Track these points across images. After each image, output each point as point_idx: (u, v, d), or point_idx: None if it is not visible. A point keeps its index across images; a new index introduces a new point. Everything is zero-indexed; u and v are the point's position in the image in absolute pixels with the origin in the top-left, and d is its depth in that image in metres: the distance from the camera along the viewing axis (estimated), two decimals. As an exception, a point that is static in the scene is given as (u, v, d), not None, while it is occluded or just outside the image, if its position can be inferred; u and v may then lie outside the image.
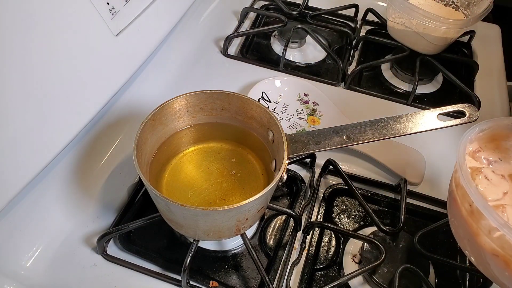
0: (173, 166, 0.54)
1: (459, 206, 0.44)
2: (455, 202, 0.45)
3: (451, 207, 0.48)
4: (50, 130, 0.47)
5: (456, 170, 0.45)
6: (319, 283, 0.51)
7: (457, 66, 0.80)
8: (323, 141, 0.49)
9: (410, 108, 0.71)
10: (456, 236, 0.48)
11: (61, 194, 0.54)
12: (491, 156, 0.48)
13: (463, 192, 0.43)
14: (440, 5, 0.81)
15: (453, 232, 0.48)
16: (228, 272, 0.51)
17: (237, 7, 0.85)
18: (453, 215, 0.47)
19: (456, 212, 0.45)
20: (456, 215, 0.46)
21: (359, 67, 0.74)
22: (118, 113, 0.62)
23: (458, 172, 0.44)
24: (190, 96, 0.51)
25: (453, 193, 0.46)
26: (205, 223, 0.45)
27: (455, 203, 0.45)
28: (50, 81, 0.46)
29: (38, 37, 0.44)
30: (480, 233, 0.42)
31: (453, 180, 0.46)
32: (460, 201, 0.44)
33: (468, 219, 0.43)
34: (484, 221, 0.40)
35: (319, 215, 0.57)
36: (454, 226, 0.48)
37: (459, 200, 0.44)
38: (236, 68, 0.75)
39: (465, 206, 0.43)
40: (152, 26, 0.62)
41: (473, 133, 0.46)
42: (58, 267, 0.50)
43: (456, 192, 0.45)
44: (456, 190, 0.45)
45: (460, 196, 0.44)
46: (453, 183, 0.46)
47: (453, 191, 0.46)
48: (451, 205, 0.47)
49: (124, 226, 0.50)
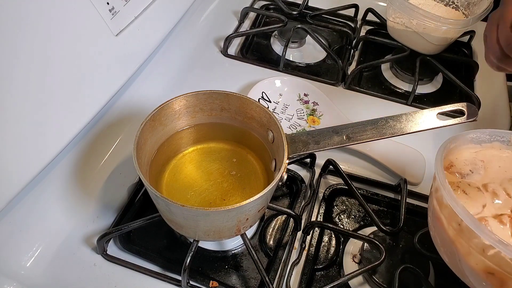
0: (173, 166, 0.54)
1: (445, 227, 0.43)
2: (439, 222, 0.45)
3: (435, 228, 0.47)
4: (50, 130, 0.47)
5: (437, 188, 0.44)
6: (319, 283, 0.51)
7: (457, 66, 0.80)
8: (323, 140, 0.49)
9: (410, 108, 0.71)
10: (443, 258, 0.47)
11: (61, 194, 0.54)
12: (463, 169, 0.49)
13: (449, 212, 0.42)
14: (440, 5, 0.81)
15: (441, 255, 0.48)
16: (228, 272, 0.51)
17: (237, 7, 0.85)
18: (439, 236, 0.46)
19: (441, 233, 0.45)
20: (442, 236, 0.45)
21: (359, 67, 0.74)
22: (118, 113, 0.62)
23: (440, 191, 0.43)
24: (190, 97, 0.51)
25: (436, 212, 0.45)
26: (205, 223, 0.45)
27: (440, 224, 0.44)
28: (50, 81, 0.46)
29: (38, 37, 0.44)
30: (471, 252, 0.41)
31: (434, 199, 0.46)
32: (446, 221, 0.43)
33: (457, 238, 0.42)
34: (477, 239, 0.39)
35: (319, 215, 0.57)
36: (438, 245, 0.48)
37: (444, 220, 0.44)
38: (236, 68, 0.75)
39: (453, 225, 0.42)
40: (152, 26, 0.62)
41: (444, 151, 0.46)
42: (58, 267, 0.50)
43: (441, 212, 0.44)
44: (440, 210, 0.44)
45: (446, 215, 0.43)
46: (434, 202, 0.46)
47: (436, 211, 0.45)
48: (435, 226, 0.47)
49: (124, 226, 0.50)
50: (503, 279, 0.39)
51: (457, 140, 0.49)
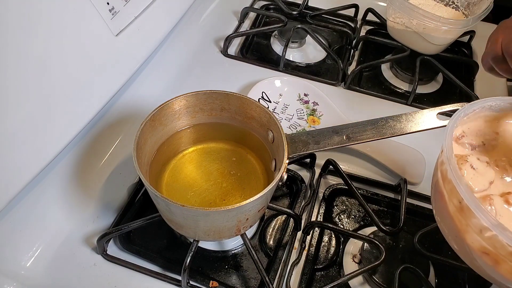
0: (173, 166, 0.54)
1: (446, 201, 0.42)
2: (441, 196, 0.43)
3: (436, 201, 0.45)
4: (50, 130, 0.47)
5: (443, 161, 0.42)
6: (319, 283, 0.51)
7: (457, 66, 0.80)
8: (323, 140, 0.49)
9: (410, 108, 0.71)
10: (441, 229, 0.46)
11: (61, 194, 0.54)
12: (475, 140, 0.46)
13: (451, 187, 0.41)
14: (440, 5, 0.81)
15: (440, 229, 0.46)
16: (228, 272, 0.51)
17: (237, 7, 0.85)
18: (438, 209, 0.45)
19: (441, 206, 0.43)
20: (441, 210, 0.43)
21: (359, 67, 0.74)
22: (118, 113, 0.62)
23: (445, 165, 0.41)
24: (190, 97, 0.51)
25: (439, 186, 0.43)
26: (205, 223, 0.45)
27: (441, 197, 0.43)
28: (49, 81, 0.46)
29: (38, 37, 0.44)
30: (469, 230, 0.40)
31: (439, 171, 0.44)
32: (447, 196, 0.42)
33: (457, 215, 0.41)
34: (475, 219, 0.38)
35: (319, 215, 0.57)
36: (438, 221, 0.46)
37: (446, 195, 0.42)
38: (236, 68, 0.75)
39: (453, 202, 0.41)
40: (152, 26, 0.62)
41: (458, 119, 0.44)
42: (58, 267, 0.50)
43: (443, 186, 0.42)
44: (443, 184, 0.42)
45: (448, 191, 0.42)
46: (439, 174, 0.43)
47: (439, 184, 0.43)
48: (436, 199, 0.45)
49: (124, 226, 0.50)
50: (497, 260, 0.39)
51: (473, 108, 0.45)
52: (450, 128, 0.43)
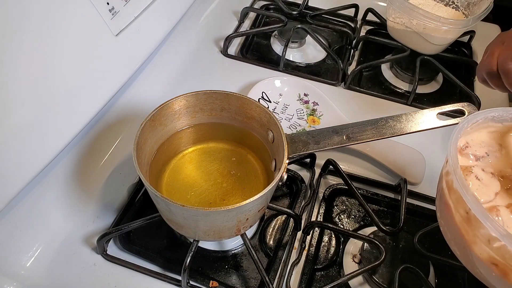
0: (173, 166, 0.54)
1: (452, 212, 0.42)
2: (447, 207, 0.43)
3: (442, 211, 0.45)
4: (50, 130, 0.47)
5: (448, 172, 0.42)
6: (319, 283, 0.51)
7: (457, 66, 0.80)
8: (323, 140, 0.49)
9: (410, 108, 0.71)
10: (443, 233, 0.46)
11: (61, 194, 0.54)
12: (478, 151, 0.46)
13: (457, 198, 0.40)
14: (440, 5, 0.80)
15: (443, 235, 0.46)
16: (228, 272, 0.51)
17: (237, 7, 0.85)
18: (444, 219, 0.45)
19: (448, 217, 0.43)
20: (448, 221, 0.43)
21: (359, 67, 0.74)
22: (118, 113, 0.62)
23: (450, 175, 0.41)
24: (190, 97, 0.51)
25: (445, 197, 0.43)
26: (205, 223, 0.45)
27: (447, 208, 0.43)
28: (49, 81, 0.46)
29: (38, 37, 0.44)
30: (477, 241, 0.39)
31: (444, 182, 0.44)
32: (453, 207, 0.42)
33: (464, 226, 0.40)
34: (483, 230, 0.38)
35: (319, 215, 0.57)
36: (444, 231, 0.46)
37: (452, 206, 0.42)
38: (236, 68, 0.75)
39: (460, 212, 0.41)
40: (152, 26, 0.62)
41: (462, 129, 0.44)
42: (58, 267, 0.50)
43: (449, 197, 0.42)
44: (449, 194, 0.42)
45: (454, 201, 0.42)
46: (444, 185, 0.43)
47: (445, 194, 0.43)
48: (442, 210, 0.45)
49: (124, 226, 0.50)
50: (506, 271, 0.38)
51: (476, 119, 0.45)
52: (455, 138, 0.42)
